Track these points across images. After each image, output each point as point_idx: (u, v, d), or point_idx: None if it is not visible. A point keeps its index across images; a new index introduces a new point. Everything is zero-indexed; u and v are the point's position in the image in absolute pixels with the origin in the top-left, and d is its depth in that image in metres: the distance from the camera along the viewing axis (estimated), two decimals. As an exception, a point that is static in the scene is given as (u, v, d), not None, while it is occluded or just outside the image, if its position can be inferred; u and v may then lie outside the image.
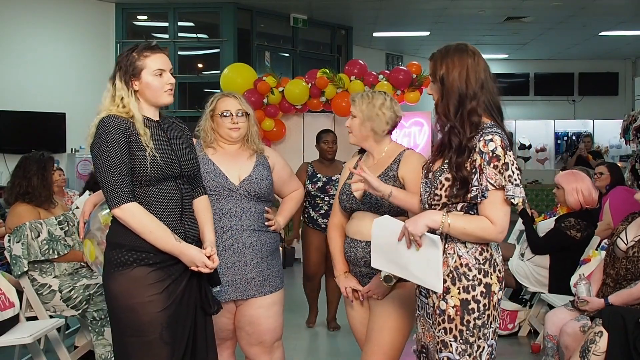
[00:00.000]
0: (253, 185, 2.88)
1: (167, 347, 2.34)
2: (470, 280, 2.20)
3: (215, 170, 2.87)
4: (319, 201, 5.02)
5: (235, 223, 2.84)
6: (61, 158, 8.13)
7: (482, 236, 2.18)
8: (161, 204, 2.39)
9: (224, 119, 2.91)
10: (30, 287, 3.92)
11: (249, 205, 2.87)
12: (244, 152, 2.97)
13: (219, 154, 2.94)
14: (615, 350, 3.03)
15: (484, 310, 2.20)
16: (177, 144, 2.49)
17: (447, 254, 2.23)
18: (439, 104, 2.27)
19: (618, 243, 3.46)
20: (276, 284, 2.94)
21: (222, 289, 2.81)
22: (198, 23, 9.90)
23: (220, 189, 2.84)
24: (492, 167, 2.13)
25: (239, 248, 2.85)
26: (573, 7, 9.54)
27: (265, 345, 2.94)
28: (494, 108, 2.25)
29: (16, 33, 8.13)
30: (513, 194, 2.13)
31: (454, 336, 2.21)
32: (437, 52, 2.30)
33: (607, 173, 5.38)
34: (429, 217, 2.20)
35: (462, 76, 2.21)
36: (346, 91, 7.11)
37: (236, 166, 2.91)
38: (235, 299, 2.88)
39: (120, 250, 2.35)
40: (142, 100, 2.44)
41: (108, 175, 2.29)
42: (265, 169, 2.96)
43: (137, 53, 2.41)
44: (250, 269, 2.86)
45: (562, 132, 13.70)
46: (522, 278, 4.74)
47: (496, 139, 2.14)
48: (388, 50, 13.02)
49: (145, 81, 2.41)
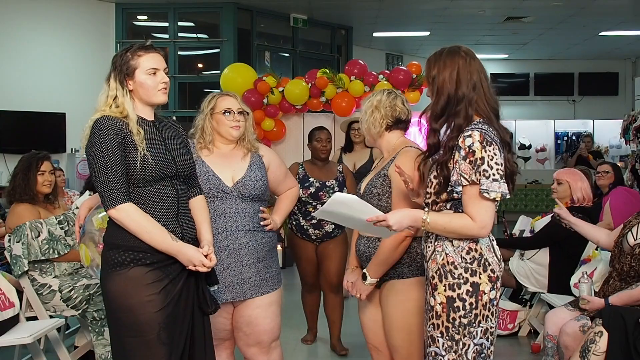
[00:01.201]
0: (247, 187, 2.88)
1: (164, 347, 2.34)
2: (455, 278, 2.23)
3: (208, 172, 2.87)
4: (311, 209, 4.42)
5: (230, 224, 2.85)
6: (61, 158, 8.13)
7: (464, 233, 2.20)
8: (157, 204, 2.39)
9: (226, 116, 2.91)
10: (31, 287, 3.92)
11: (243, 206, 2.87)
12: (238, 152, 2.97)
13: (213, 155, 2.93)
14: (615, 350, 3.03)
15: (470, 309, 2.22)
16: (172, 143, 2.49)
17: (436, 251, 2.28)
18: (430, 105, 2.30)
19: (627, 237, 3.45)
20: (273, 283, 2.94)
21: (219, 290, 2.81)
22: (198, 23, 9.90)
23: (214, 191, 2.85)
24: (467, 162, 2.15)
25: (235, 249, 2.85)
26: (573, 7, 9.53)
27: (263, 346, 2.94)
28: (488, 109, 2.26)
29: (16, 33, 8.13)
30: (487, 188, 2.13)
31: (440, 332, 2.26)
32: (432, 55, 2.33)
33: (612, 172, 5.44)
34: (412, 215, 2.24)
35: (453, 77, 2.24)
36: (346, 91, 7.10)
37: (230, 167, 2.91)
38: (233, 300, 2.87)
39: (117, 250, 2.35)
40: (137, 100, 2.44)
41: (103, 176, 2.29)
42: (259, 169, 2.95)
43: (131, 53, 2.42)
44: (247, 269, 2.86)
45: (562, 132, 13.69)
46: (522, 278, 4.75)
47: (475, 134, 2.16)
48: (388, 50, 13.02)
49: (138, 80, 2.42)
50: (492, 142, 2.17)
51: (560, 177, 4.64)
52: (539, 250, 4.68)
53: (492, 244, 2.30)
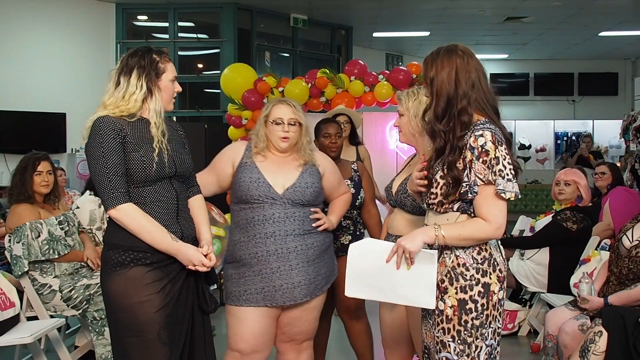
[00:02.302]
0: (297, 194, 2.85)
1: (165, 347, 2.34)
2: (467, 280, 2.19)
3: (259, 179, 2.84)
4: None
5: (278, 228, 2.81)
6: (61, 158, 8.13)
7: (480, 237, 2.17)
8: (157, 204, 2.40)
9: (275, 126, 2.89)
10: (31, 287, 3.92)
11: (293, 210, 2.84)
12: (293, 160, 2.94)
13: (267, 161, 2.91)
14: (615, 350, 3.03)
15: (482, 310, 2.19)
16: (172, 144, 2.49)
17: (445, 254, 2.24)
18: (430, 107, 2.28)
19: (623, 240, 3.46)
20: (322, 286, 2.91)
21: (269, 294, 2.80)
22: (198, 23, 9.89)
23: (263, 198, 2.82)
24: (480, 162, 2.13)
25: (284, 253, 2.81)
26: (573, 7, 9.53)
27: (296, 343, 2.96)
28: (488, 106, 2.25)
29: (16, 33, 8.12)
30: (504, 188, 2.12)
31: (452, 336, 2.21)
32: (428, 55, 2.31)
33: (609, 173, 5.42)
34: (424, 232, 2.21)
35: (451, 77, 2.22)
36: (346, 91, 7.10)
37: (282, 174, 2.88)
38: (283, 304, 2.85)
39: (117, 250, 2.36)
40: (148, 102, 2.45)
41: (103, 176, 2.30)
42: (312, 176, 2.92)
43: (157, 56, 2.45)
44: (296, 272, 2.82)
45: (562, 132, 13.68)
46: (522, 278, 4.75)
47: (486, 134, 2.14)
48: (388, 50, 13.01)
49: (163, 84, 2.45)
50: (502, 141, 2.16)
51: (568, 178, 4.64)
52: (539, 250, 4.68)
53: (498, 244, 2.29)
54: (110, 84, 2.45)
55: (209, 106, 9.28)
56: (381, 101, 6.84)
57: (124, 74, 2.41)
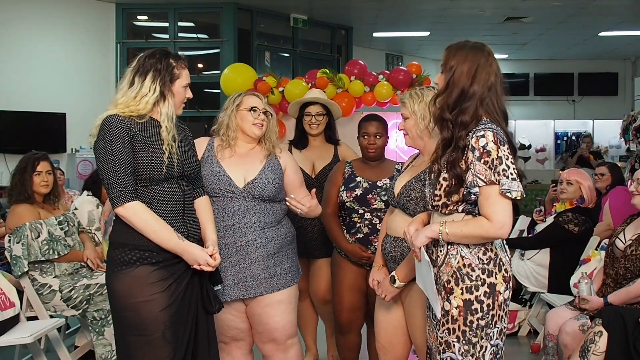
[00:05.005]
0: (257, 189, 2.87)
1: (169, 346, 2.35)
2: (473, 280, 2.20)
3: (220, 173, 2.87)
4: (357, 218, 3.35)
5: (238, 221, 2.83)
6: (61, 158, 8.13)
7: (483, 235, 2.17)
8: (163, 203, 2.41)
9: (252, 113, 2.92)
10: (31, 287, 3.92)
11: (253, 204, 2.86)
12: (257, 153, 2.97)
13: (231, 154, 2.93)
14: (615, 350, 3.03)
15: (487, 311, 2.20)
16: (179, 144, 2.50)
17: (450, 254, 2.24)
18: (441, 95, 2.27)
19: (617, 243, 3.47)
20: (285, 281, 2.91)
21: (228, 288, 2.81)
22: (198, 23, 9.90)
23: (223, 191, 2.85)
24: (482, 163, 2.13)
25: (243, 246, 2.83)
26: (573, 7, 9.53)
27: (279, 343, 2.93)
28: (498, 112, 2.25)
29: (16, 33, 8.12)
30: (509, 188, 2.11)
31: (457, 337, 2.21)
32: (454, 44, 2.31)
33: (608, 174, 5.40)
34: (429, 227, 2.25)
35: (471, 72, 2.23)
36: (346, 91, 7.10)
37: (243, 168, 2.90)
38: (243, 297, 2.86)
39: (123, 249, 2.37)
40: (160, 106, 2.45)
41: (112, 174, 2.31)
42: (273, 171, 2.94)
43: (174, 60, 2.46)
44: (256, 266, 2.84)
45: (562, 132, 13.69)
46: (522, 278, 4.75)
47: (488, 135, 2.14)
48: (388, 51, 13.02)
49: (176, 90, 2.47)
50: (504, 141, 2.16)
51: (570, 178, 4.63)
52: (539, 251, 4.68)
53: (504, 243, 2.29)
54: (124, 82, 2.46)
55: (209, 106, 9.26)
56: (381, 101, 6.84)
57: (139, 75, 2.43)
